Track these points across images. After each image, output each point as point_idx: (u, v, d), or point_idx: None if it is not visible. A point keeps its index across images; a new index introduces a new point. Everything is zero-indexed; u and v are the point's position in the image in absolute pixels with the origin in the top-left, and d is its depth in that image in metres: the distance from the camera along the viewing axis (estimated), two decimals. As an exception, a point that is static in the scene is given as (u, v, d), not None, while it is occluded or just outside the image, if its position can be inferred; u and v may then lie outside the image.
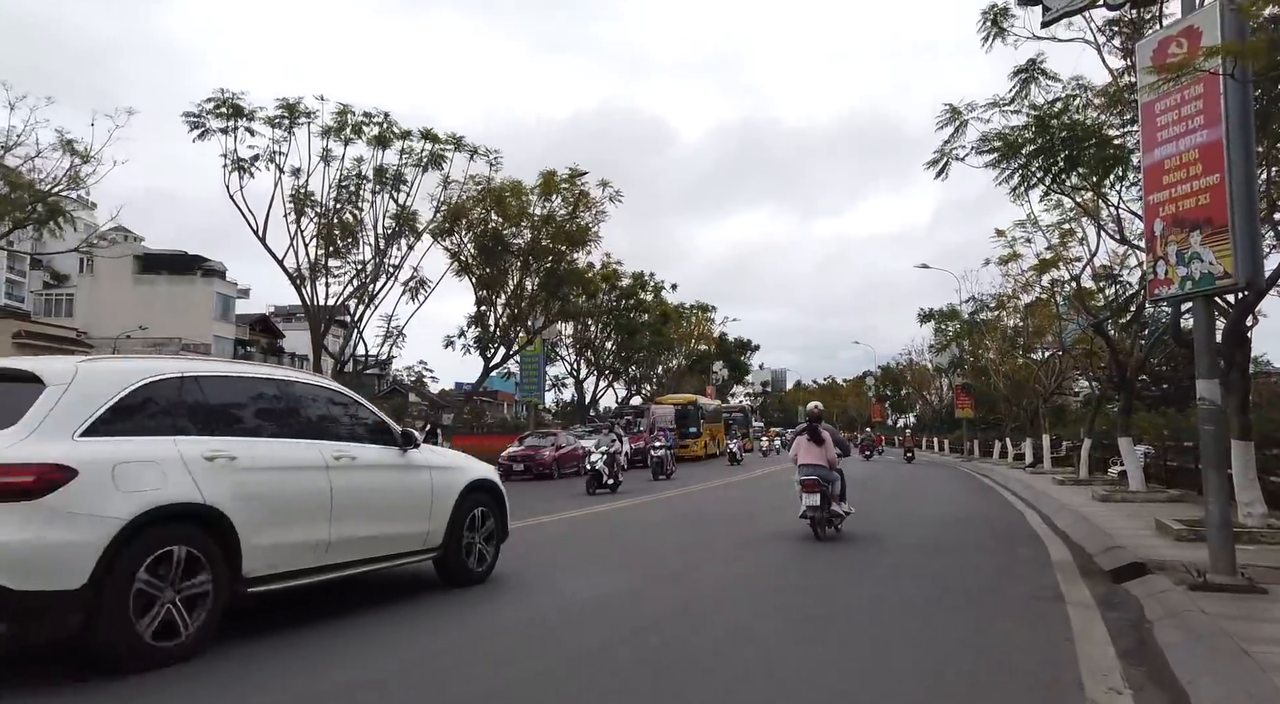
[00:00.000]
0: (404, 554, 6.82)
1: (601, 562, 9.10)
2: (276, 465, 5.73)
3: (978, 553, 10.00)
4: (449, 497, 7.22)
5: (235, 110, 18.65)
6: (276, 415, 6.04)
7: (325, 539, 5.95)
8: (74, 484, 4.51)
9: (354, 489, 6.24)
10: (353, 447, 6.42)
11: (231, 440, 5.52)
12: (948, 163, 13.56)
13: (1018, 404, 36.15)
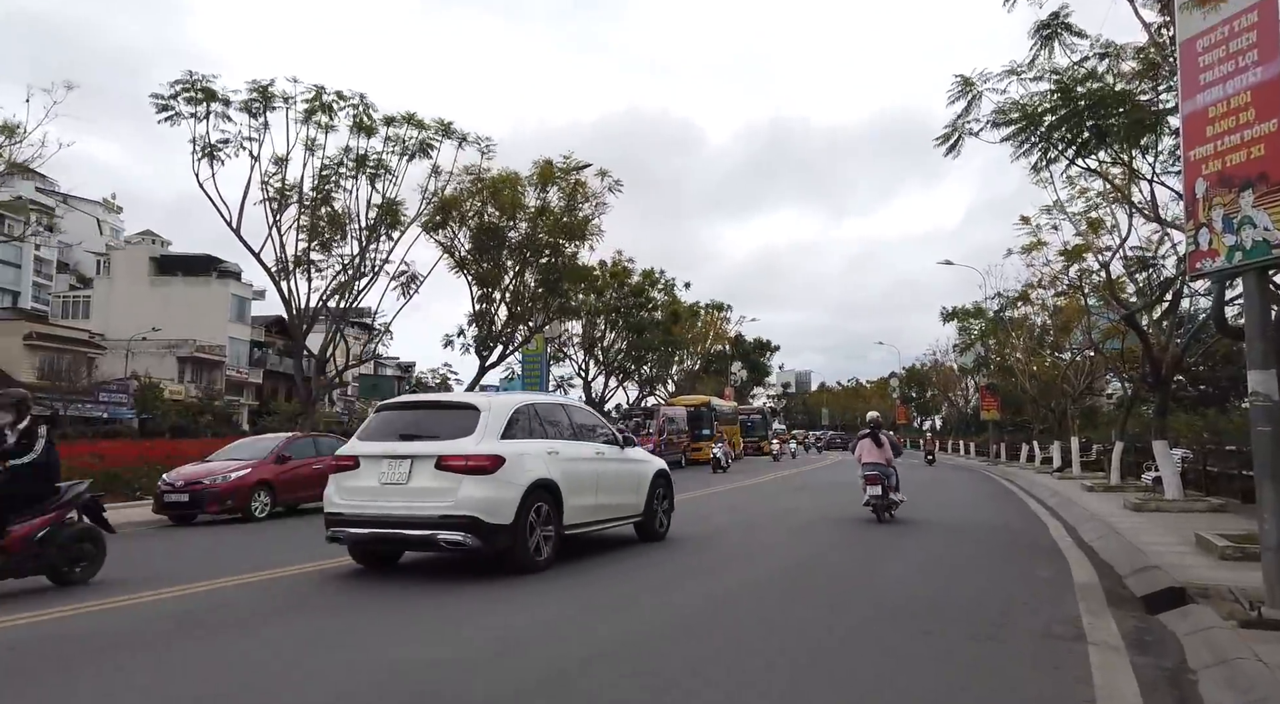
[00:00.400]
0: (626, 518, 10.25)
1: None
2: (574, 457, 9.14)
3: (988, 571, 8.76)
4: (647, 480, 10.57)
5: (207, 94, 17.80)
6: (570, 426, 9.53)
7: (594, 504, 9.39)
8: (505, 465, 7.99)
9: (606, 473, 9.72)
10: (603, 446, 9.94)
11: (556, 442, 8.99)
12: (960, 138, 12.33)
13: (1046, 405, 34.60)
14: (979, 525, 13.32)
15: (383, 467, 8.07)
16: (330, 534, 8.36)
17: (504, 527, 7.92)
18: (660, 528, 10.78)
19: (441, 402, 9.69)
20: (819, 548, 10.57)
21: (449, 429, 8.20)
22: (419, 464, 7.95)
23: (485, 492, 7.83)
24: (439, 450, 7.97)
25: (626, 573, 8.61)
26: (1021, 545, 10.89)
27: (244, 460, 14.12)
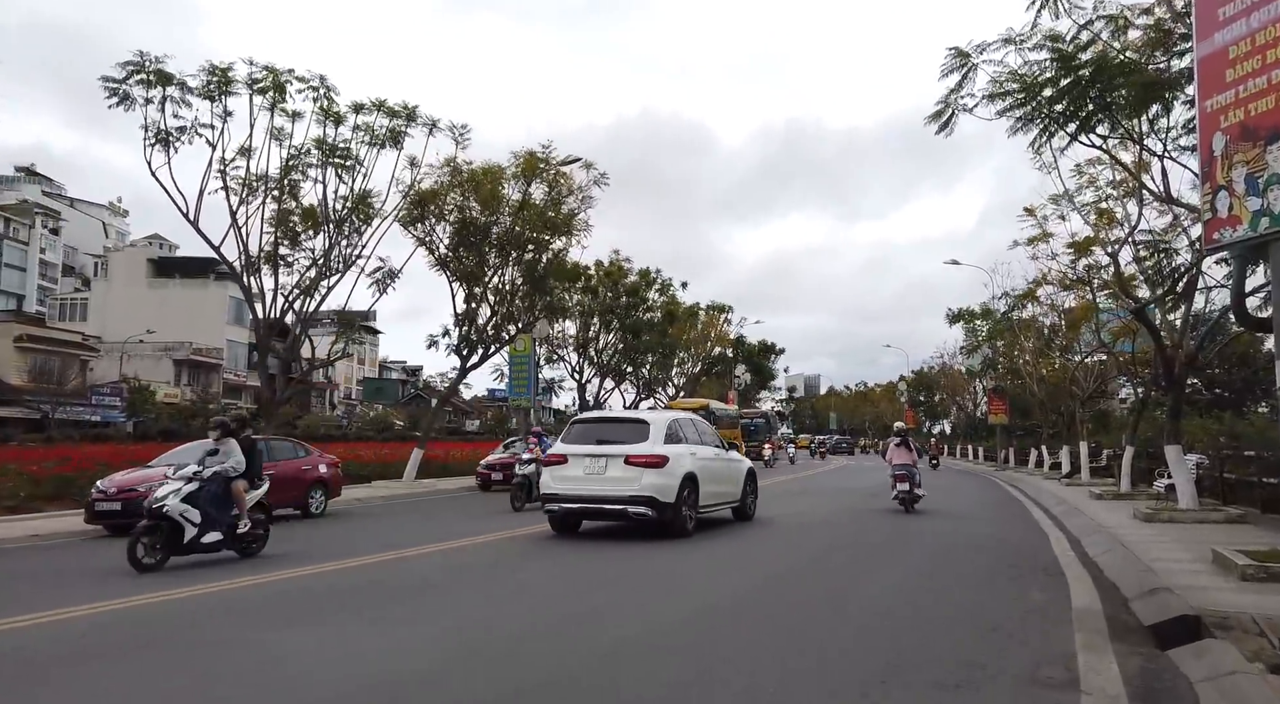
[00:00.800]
0: (729, 503, 13.50)
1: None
2: (704, 457, 12.47)
3: (975, 593, 7.73)
4: (742, 475, 13.90)
5: (160, 77, 16.88)
6: (697, 435, 12.87)
7: (715, 492, 12.72)
8: (669, 462, 11.33)
9: (720, 470, 13.07)
10: (718, 450, 13.32)
11: (695, 446, 12.36)
12: (953, 114, 11.31)
13: (1054, 409, 33.40)
14: (974, 537, 12.29)
15: (585, 462, 11.74)
16: (546, 508, 12.22)
17: (670, 504, 11.45)
18: (749, 511, 14.17)
19: (622, 417, 14.47)
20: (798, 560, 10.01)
21: (630, 437, 11.84)
22: (612, 460, 11.60)
23: (659, 480, 11.44)
24: (626, 451, 11.59)
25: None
26: (1018, 561, 9.84)
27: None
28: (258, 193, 18.72)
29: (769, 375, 67.83)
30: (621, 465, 11.38)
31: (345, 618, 6.69)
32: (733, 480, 13.47)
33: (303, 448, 15.78)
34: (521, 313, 25.10)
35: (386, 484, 22.55)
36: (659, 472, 11.33)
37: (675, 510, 11.43)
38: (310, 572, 9.04)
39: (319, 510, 15.19)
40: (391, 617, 6.68)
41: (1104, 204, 17.22)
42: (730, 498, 13.39)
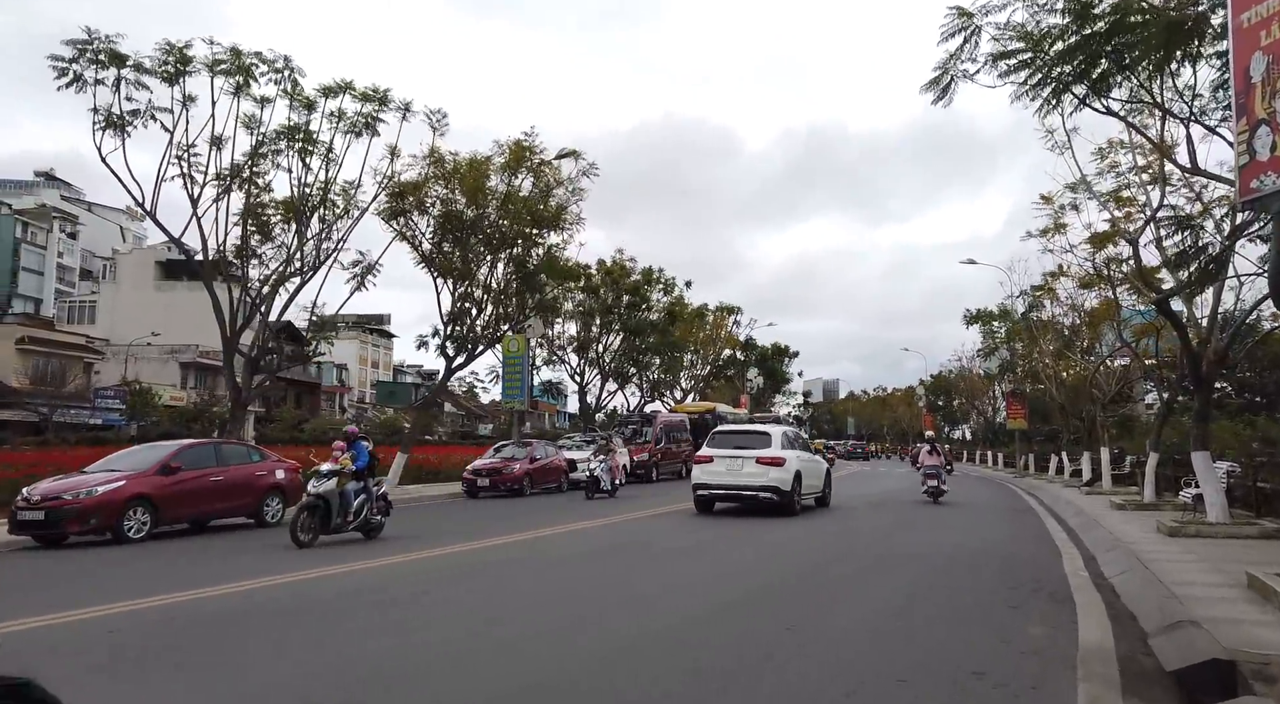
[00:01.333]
0: (815, 494, 17.62)
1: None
2: (804, 458, 17.09)
3: (965, 624, 6.57)
4: (825, 472, 18.63)
5: (112, 57, 15.93)
6: (798, 441, 18.08)
7: (810, 484, 17.01)
8: (786, 462, 16.02)
9: (813, 468, 17.51)
10: (810, 454, 18.37)
11: (799, 451, 17.19)
12: (952, 82, 10.13)
13: (1076, 413, 31.92)
14: (977, 553, 11.07)
15: (727, 462, 16.09)
16: (697, 494, 16.48)
17: (787, 492, 15.78)
18: (828, 500, 18.62)
19: (751, 430, 18.04)
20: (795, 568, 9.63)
21: (758, 443, 16.30)
22: (746, 460, 15.89)
23: (780, 474, 15.77)
24: (757, 454, 15.95)
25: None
26: (1021, 583, 8.64)
27: (120, 472, 12.20)
28: (224, 181, 17.79)
29: (783, 379, 66.39)
30: (754, 464, 15.91)
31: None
32: (819, 476, 18.16)
33: (257, 452, 14.80)
34: (514, 311, 24.08)
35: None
36: (780, 469, 15.87)
37: (790, 496, 15.91)
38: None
39: (274, 519, 14.19)
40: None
41: (1126, 191, 15.97)
42: (817, 489, 17.96)
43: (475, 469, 22.06)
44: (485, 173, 20.77)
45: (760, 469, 15.60)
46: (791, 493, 15.72)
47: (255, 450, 14.87)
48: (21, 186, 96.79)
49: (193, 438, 17.52)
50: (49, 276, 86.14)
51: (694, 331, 42.76)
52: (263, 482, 14.09)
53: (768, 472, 15.58)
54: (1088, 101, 9.30)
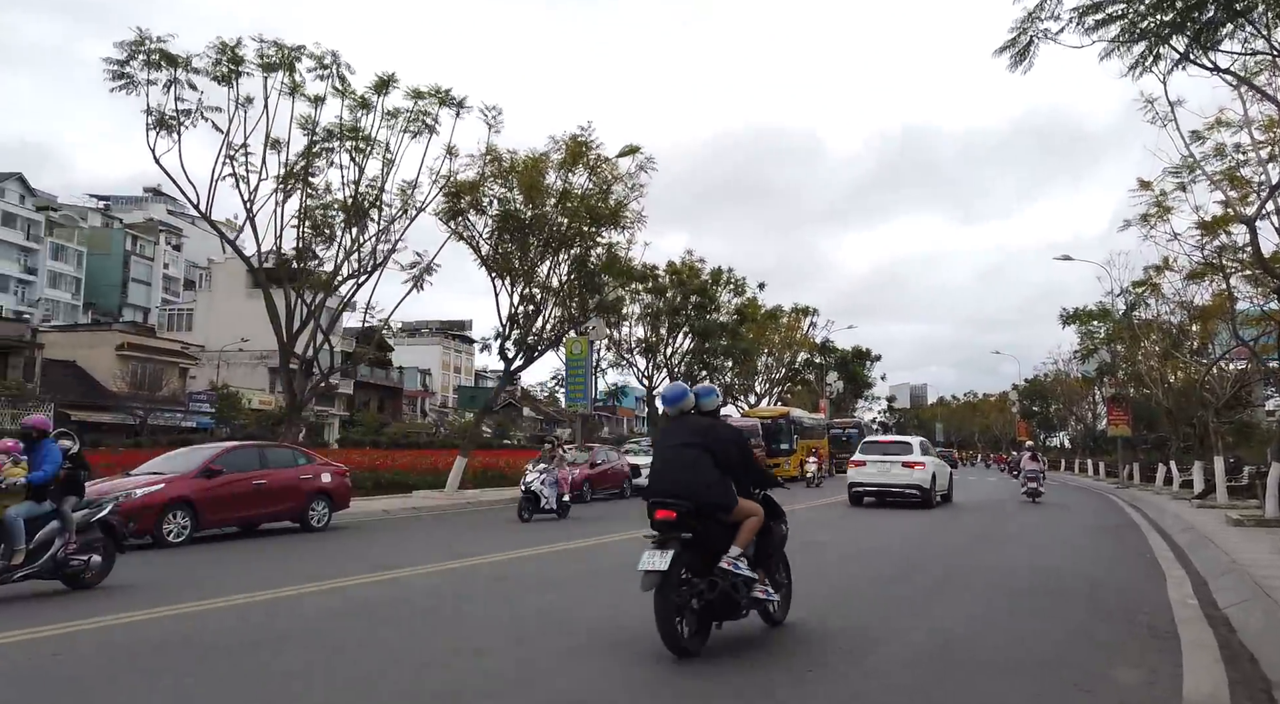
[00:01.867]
0: (943, 493, 21.32)
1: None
2: (934, 463, 20.99)
3: (1029, 671, 5.46)
4: (947, 474, 22.71)
5: (165, 58, 16.10)
6: (929, 450, 22.40)
7: (940, 484, 20.95)
8: (925, 465, 20.03)
9: (942, 473, 21.56)
10: (938, 460, 22.62)
11: (931, 456, 21.36)
12: (1032, 42, 8.94)
13: (1185, 419, 29.39)
14: (1065, 575, 9.76)
15: (878, 465, 19.77)
16: (853, 491, 20.13)
17: (928, 490, 19.50)
18: (951, 497, 22.26)
19: (897, 439, 22.99)
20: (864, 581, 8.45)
21: (902, 450, 20.44)
22: (894, 464, 19.49)
23: (922, 475, 19.51)
24: (904, 459, 19.86)
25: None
26: (1114, 613, 7.42)
27: (162, 475, 12.07)
28: (279, 182, 17.78)
29: (864, 383, 64.15)
30: (899, 467, 19.55)
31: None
32: (945, 478, 21.98)
33: (303, 455, 14.58)
34: (575, 313, 23.54)
35: (427, 494, 21.36)
36: (922, 471, 19.64)
37: (929, 494, 19.62)
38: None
39: (321, 524, 13.93)
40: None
41: (1242, 170, 14.24)
42: (945, 489, 21.56)
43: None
44: (542, 170, 20.30)
45: (905, 471, 19.59)
46: (930, 491, 19.64)
47: (301, 453, 14.65)
48: (131, 202, 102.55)
49: (277, 440, 17.53)
50: (155, 286, 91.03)
51: (766, 334, 41.39)
52: (308, 485, 13.85)
53: (911, 473, 19.55)
54: (1191, 56, 7.98)
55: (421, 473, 23.69)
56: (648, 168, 20.91)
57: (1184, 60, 8.08)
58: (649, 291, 33.88)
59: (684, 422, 6.00)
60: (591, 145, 20.07)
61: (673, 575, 5.29)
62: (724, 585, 5.44)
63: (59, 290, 76.99)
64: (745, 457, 5.99)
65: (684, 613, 5.41)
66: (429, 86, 17.99)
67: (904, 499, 19.63)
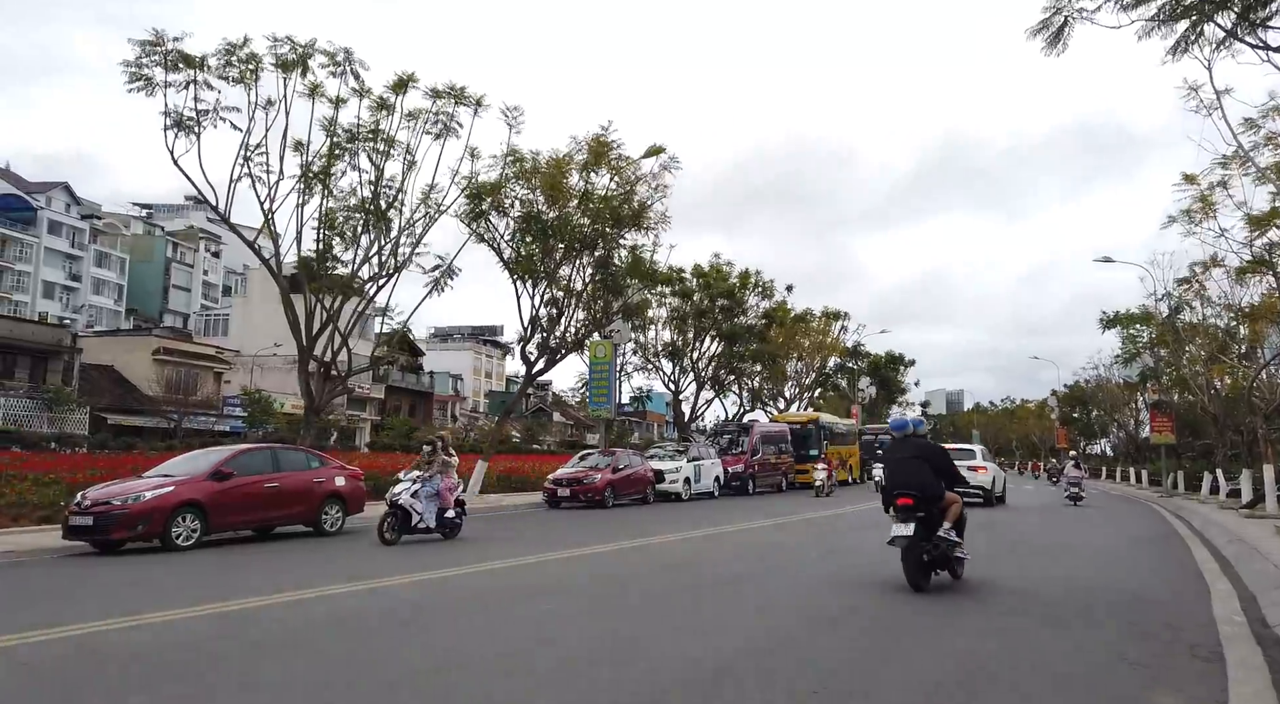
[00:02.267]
0: (999, 493, 24.84)
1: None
2: (994, 469, 25.17)
3: (1059, 694, 5.00)
4: (1002, 479, 25.96)
5: (184, 59, 16.11)
6: (989, 457, 27.32)
7: (998, 487, 24.79)
8: (987, 470, 23.83)
9: (999, 478, 25.39)
10: (994, 464, 26.76)
11: (990, 462, 25.77)
12: (1066, 22, 8.46)
13: (1233, 426, 28.26)
14: (1100, 590, 9.18)
15: None
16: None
17: (990, 491, 23.17)
18: (1005, 498, 25.27)
19: (961, 447, 24.90)
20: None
21: (967, 456, 22.97)
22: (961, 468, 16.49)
23: (984, 479, 22.96)
24: (970, 464, 22.00)
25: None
26: (1153, 629, 6.88)
27: (172, 477, 11.97)
28: (299, 184, 17.75)
29: (898, 389, 63.02)
30: (965, 471, 21.51)
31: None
32: (1001, 482, 25.02)
33: (317, 457, 14.42)
34: (599, 316, 23.26)
35: (448, 498, 21.18)
36: (985, 474, 22.84)
37: (991, 494, 22.99)
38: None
39: (334, 528, 13.76)
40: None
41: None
42: (1000, 492, 24.36)
43: (556, 479, 21.29)
44: (565, 171, 20.05)
45: (971, 474, 21.22)
46: (991, 491, 23.15)
47: (315, 456, 14.49)
48: (173, 210, 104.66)
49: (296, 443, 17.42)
50: (195, 293, 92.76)
51: (796, 338, 40.73)
52: (321, 488, 13.68)
53: (975, 476, 21.91)
54: (1239, 33, 7.42)
55: (444, 477, 23.54)
56: (672, 168, 20.57)
57: (1230, 38, 7.50)
58: (675, 294, 33.46)
59: (907, 442, 8.86)
60: (613, 145, 19.78)
61: (914, 539, 8.15)
62: (943, 546, 8.33)
63: (102, 297, 78.74)
64: (949, 466, 8.70)
65: (920, 563, 8.31)
66: (445, 84, 17.83)
67: (970, 499, 20.85)
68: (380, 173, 18.27)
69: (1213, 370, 27.40)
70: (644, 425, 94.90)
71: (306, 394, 19.50)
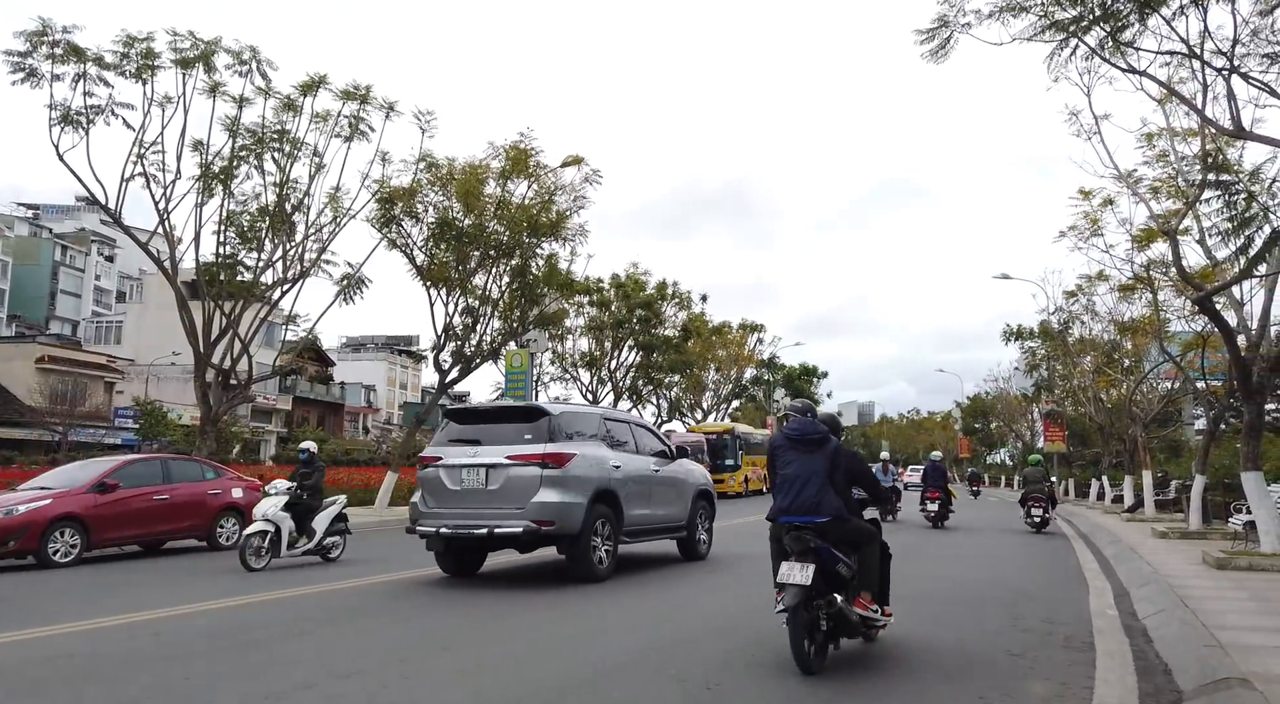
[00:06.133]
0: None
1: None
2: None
3: (939, 684, 5.21)
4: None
5: (73, 51, 15.26)
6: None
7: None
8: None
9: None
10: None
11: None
12: (952, 36, 8.86)
13: (1117, 435, 29.95)
14: (990, 585, 9.62)
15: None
16: None
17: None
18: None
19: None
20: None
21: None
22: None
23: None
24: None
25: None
26: (1033, 623, 7.24)
27: (50, 489, 11.26)
28: (197, 185, 17.08)
29: (812, 401, 64.43)
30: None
31: None
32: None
33: (212, 469, 13.80)
34: (516, 325, 23.04)
35: (356, 511, 20.55)
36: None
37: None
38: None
39: (230, 542, 13.17)
40: None
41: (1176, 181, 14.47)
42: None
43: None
44: (481, 178, 19.84)
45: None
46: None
47: (210, 468, 13.87)
48: (62, 211, 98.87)
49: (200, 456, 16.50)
50: (86, 299, 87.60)
51: (713, 349, 41.29)
52: (216, 501, 13.09)
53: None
54: (1104, 54, 7.92)
55: (353, 489, 22.86)
56: (594, 180, 20.56)
57: (1094, 55, 8.01)
58: (593, 304, 33.47)
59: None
60: (533, 152, 19.67)
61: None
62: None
63: (-20, 302, 73.70)
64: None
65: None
66: (350, 83, 17.42)
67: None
68: (286, 175, 17.68)
69: (1098, 382, 29.03)
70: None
71: (203, 403, 18.66)
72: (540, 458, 8.88)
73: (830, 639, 5.50)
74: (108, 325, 66.05)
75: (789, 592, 5.15)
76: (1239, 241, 7.61)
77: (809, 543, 5.25)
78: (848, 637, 5.67)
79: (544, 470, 8.87)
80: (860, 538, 5.65)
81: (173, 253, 18.13)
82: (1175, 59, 8.85)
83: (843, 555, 5.42)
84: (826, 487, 5.51)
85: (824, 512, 5.42)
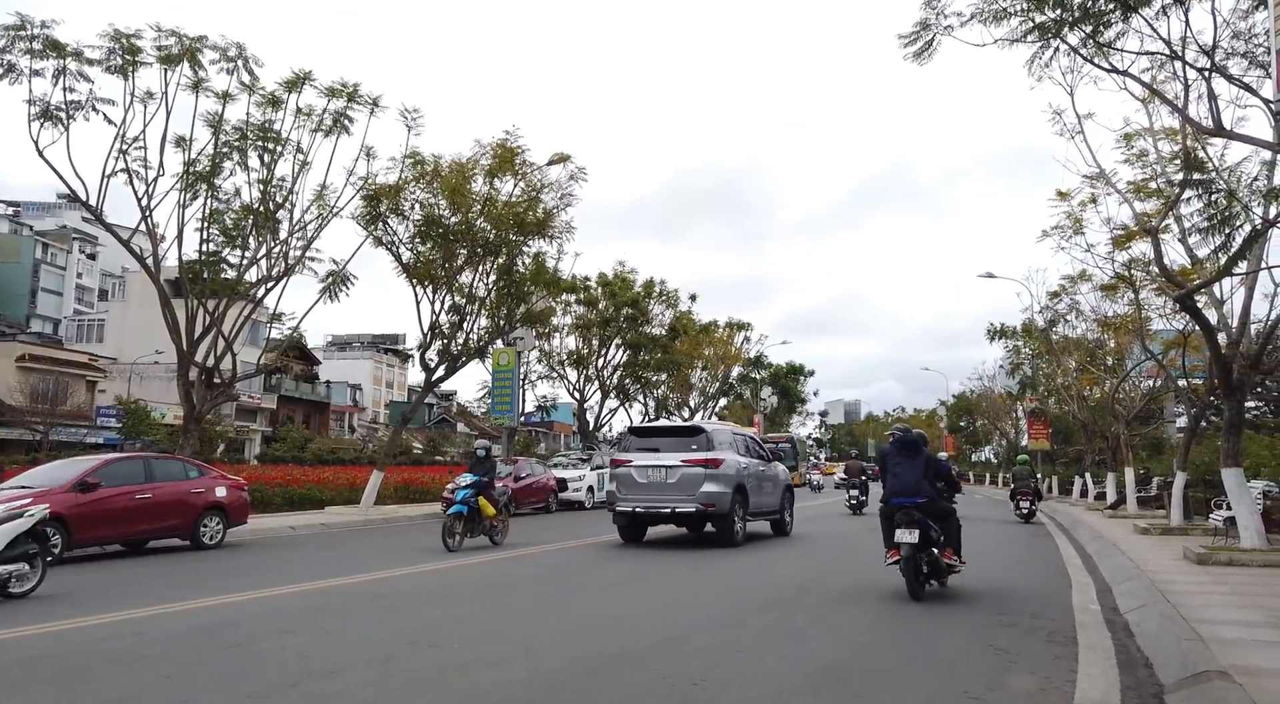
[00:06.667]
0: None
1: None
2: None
3: (925, 678, 5.25)
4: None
5: (52, 45, 15.13)
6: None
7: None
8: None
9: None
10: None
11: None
12: (935, 38, 8.90)
13: (1100, 433, 30.21)
14: (974, 579, 9.68)
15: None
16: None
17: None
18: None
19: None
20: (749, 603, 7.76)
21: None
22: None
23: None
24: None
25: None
26: (1017, 618, 7.29)
27: (30, 488, 11.13)
28: (181, 181, 16.91)
29: (798, 399, 64.69)
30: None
31: None
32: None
33: (195, 467, 13.69)
34: (503, 323, 22.96)
35: (341, 510, 20.49)
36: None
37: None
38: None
39: (214, 541, 13.07)
40: None
41: (1151, 182, 14.61)
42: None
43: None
44: (468, 175, 19.73)
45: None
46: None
47: (193, 466, 13.75)
48: (43, 208, 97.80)
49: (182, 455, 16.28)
50: (67, 297, 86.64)
51: (699, 348, 41.34)
52: (199, 500, 12.97)
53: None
54: (1085, 53, 7.98)
55: (338, 488, 22.76)
56: (580, 178, 20.49)
57: (1075, 54, 8.08)
58: (580, 303, 33.45)
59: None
60: (519, 150, 19.57)
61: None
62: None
63: (-41, 300, 72.77)
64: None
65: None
66: (336, 81, 17.30)
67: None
68: (270, 172, 17.54)
69: (1082, 380, 29.26)
70: (551, 436, 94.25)
71: (186, 402, 18.47)
72: (704, 461, 12.84)
73: (928, 580, 8.24)
74: (90, 323, 65.44)
75: (903, 547, 7.88)
76: (1219, 239, 7.69)
77: (914, 516, 7.93)
78: (937, 579, 8.41)
79: (705, 470, 12.76)
80: (944, 513, 8.40)
81: (155, 250, 17.97)
82: (1158, 60, 8.93)
83: (934, 524, 8.08)
84: (923, 480, 8.14)
85: (922, 495, 8.07)
